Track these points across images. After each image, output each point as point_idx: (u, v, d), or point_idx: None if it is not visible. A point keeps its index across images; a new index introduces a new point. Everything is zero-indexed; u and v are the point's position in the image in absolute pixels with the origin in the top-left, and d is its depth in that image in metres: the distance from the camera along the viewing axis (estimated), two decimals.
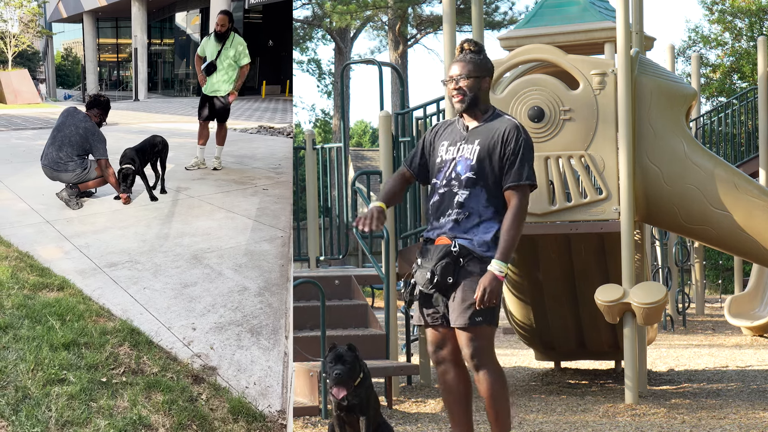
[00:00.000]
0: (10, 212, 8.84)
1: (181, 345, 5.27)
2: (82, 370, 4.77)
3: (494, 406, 4.60)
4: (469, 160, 4.63)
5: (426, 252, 4.66)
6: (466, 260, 4.55)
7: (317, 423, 6.23)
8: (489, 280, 4.47)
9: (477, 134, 4.67)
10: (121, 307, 5.86)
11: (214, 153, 11.44)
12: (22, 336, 5.18)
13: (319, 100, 69.57)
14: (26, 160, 12.11)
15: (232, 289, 6.32)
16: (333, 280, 7.90)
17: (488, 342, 4.60)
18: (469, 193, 4.61)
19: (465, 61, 4.69)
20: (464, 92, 4.66)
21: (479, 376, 4.58)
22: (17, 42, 22.00)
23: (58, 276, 6.49)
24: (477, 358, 4.56)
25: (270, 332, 5.52)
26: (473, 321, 4.52)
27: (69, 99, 27.33)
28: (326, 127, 39.60)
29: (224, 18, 10.73)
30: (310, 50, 36.64)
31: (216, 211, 8.92)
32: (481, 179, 4.60)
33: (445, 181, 4.68)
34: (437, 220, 4.68)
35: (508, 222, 4.54)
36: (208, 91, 11.02)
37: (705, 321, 13.42)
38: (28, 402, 4.42)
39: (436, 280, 4.55)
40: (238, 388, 4.78)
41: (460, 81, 4.66)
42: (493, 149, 4.60)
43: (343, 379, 4.86)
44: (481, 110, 4.71)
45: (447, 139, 4.76)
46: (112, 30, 29.14)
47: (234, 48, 10.74)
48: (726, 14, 23.00)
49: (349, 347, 4.96)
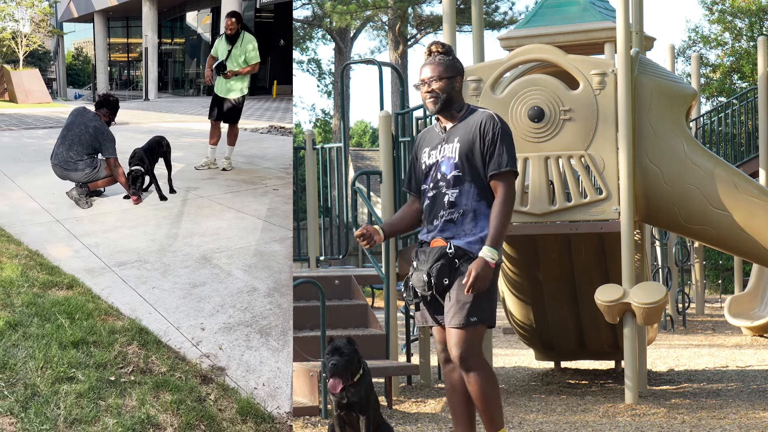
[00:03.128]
0: (21, 211, 8.88)
1: (189, 345, 5.27)
2: (90, 369, 4.79)
3: (486, 406, 4.59)
4: (452, 159, 4.66)
5: (421, 254, 4.68)
6: (461, 261, 4.57)
7: (317, 423, 6.23)
8: (480, 265, 4.47)
9: (455, 132, 4.70)
10: (129, 307, 5.87)
11: (225, 153, 11.45)
12: (32, 334, 5.19)
13: (319, 100, 69.57)
14: (37, 159, 12.16)
15: (242, 290, 6.31)
16: (333, 280, 7.90)
17: (479, 343, 4.61)
18: (459, 191, 4.63)
19: (435, 63, 4.72)
20: (437, 94, 4.69)
21: (470, 378, 4.58)
22: (28, 41, 22.08)
23: (68, 274, 6.51)
24: (467, 360, 4.56)
25: (279, 333, 5.51)
26: (468, 321, 4.53)
27: (79, 98, 27.39)
28: (326, 127, 39.61)
29: (231, 20, 10.76)
30: (310, 50, 36.66)
31: (226, 211, 8.92)
32: (467, 175, 4.63)
33: (433, 183, 4.71)
34: (431, 222, 4.71)
35: (496, 209, 4.56)
36: (220, 92, 11.04)
37: (705, 321, 13.42)
38: (37, 400, 4.43)
39: (432, 282, 4.55)
40: (246, 389, 4.77)
41: (432, 83, 4.69)
42: (473, 143, 4.63)
43: (339, 369, 4.82)
44: (456, 110, 4.74)
45: (428, 145, 4.80)
46: (122, 30, 29.21)
47: (244, 48, 10.74)
48: (726, 14, 23.01)
49: (348, 340, 4.93)
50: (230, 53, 10.74)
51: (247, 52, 10.78)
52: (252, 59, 10.82)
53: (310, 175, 9.01)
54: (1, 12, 21.12)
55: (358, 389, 4.93)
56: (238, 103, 11.08)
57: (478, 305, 4.54)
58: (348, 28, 28.65)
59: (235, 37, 10.73)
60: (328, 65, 37.11)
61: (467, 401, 4.69)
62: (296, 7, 28.96)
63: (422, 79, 4.72)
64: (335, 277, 7.93)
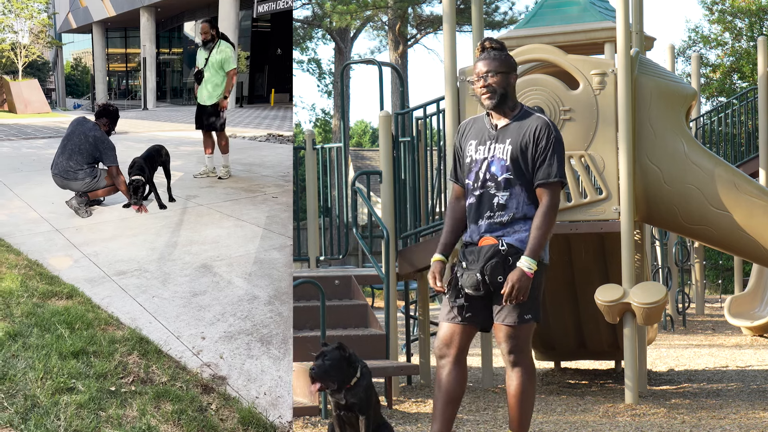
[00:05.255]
0: (21, 221, 8.89)
1: (190, 354, 5.22)
2: (91, 379, 4.74)
3: (521, 404, 4.60)
4: (502, 161, 4.59)
5: (470, 255, 4.61)
6: (514, 258, 4.53)
7: (317, 423, 6.23)
8: (518, 276, 4.46)
9: (508, 133, 4.62)
10: (129, 316, 5.83)
11: (221, 161, 11.44)
12: (31, 344, 5.15)
13: (319, 100, 69.59)
14: (36, 169, 12.19)
15: (242, 298, 6.27)
16: (333, 280, 7.90)
17: (528, 339, 4.62)
18: (509, 194, 4.58)
19: (491, 58, 4.63)
20: (493, 89, 4.60)
21: (513, 372, 4.59)
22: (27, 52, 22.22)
23: (67, 284, 6.47)
24: (515, 355, 4.57)
25: (280, 341, 5.46)
26: (522, 319, 4.53)
27: (78, 108, 27.51)
28: (326, 126, 39.60)
29: (205, 26, 10.74)
30: (310, 50, 36.64)
31: (225, 219, 8.91)
32: (518, 179, 4.57)
33: (480, 182, 4.64)
34: (475, 222, 4.64)
35: (538, 220, 4.52)
36: (200, 101, 11.03)
37: (705, 321, 13.42)
38: (37, 411, 4.39)
39: (487, 281, 4.53)
40: (248, 398, 4.72)
41: (488, 77, 4.60)
42: (526, 148, 4.57)
43: (318, 374, 4.78)
44: (510, 107, 4.66)
45: (474, 137, 4.71)
46: (121, 40, 29.41)
47: (220, 54, 10.70)
48: (726, 14, 23.00)
49: (337, 345, 4.88)
50: (207, 61, 10.73)
51: (224, 58, 10.69)
52: (227, 65, 10.73)
53: (310, 175, 9.01)
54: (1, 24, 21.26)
55: (356, 391, 4.91)
56: (215, 110, 10.99)
57: (532, 303, 4.55)
58: (348, 28, 28.65)
59: (210, 44, 10.71)
60: (328, 65, 37.10)
61: (451, 401, 4.65)
62: (296, 7, 28.96)
63: (477, 73, 4.63)
64: (335, 277, 7.93)
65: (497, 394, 7.41)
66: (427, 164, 8.05)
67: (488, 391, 7.59)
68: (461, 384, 4.65)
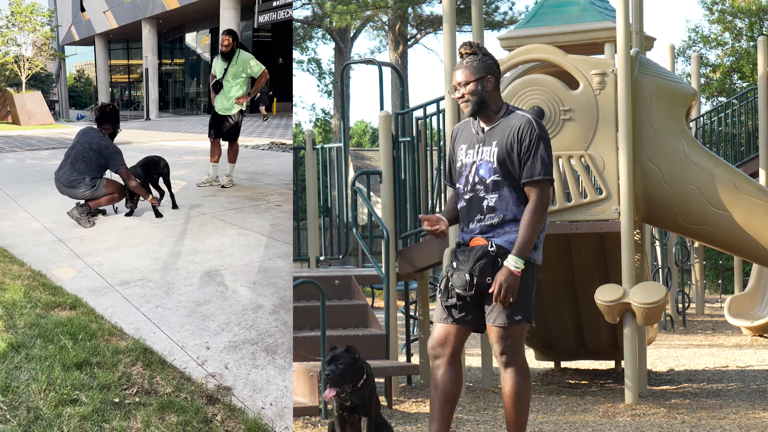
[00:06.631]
0: (24, 231, 8.90)
1: (194, 364, 5.16)
2: (94, 390, 4.69)
3: (516, 404, 4.60)
4: (490, 163, 4.60)
5: (461, 255, 4.63)
6: (503, 259, 4.53)
7: (317, 423, 6.23)
8: (505, 275, 4.47)
9: (493, 135, 4.64)
10: (133, 326, 5.77)
11: (226, 170, 11.47)
12: (35, 356, 5.10)
13: (319, 99, 69.60)
14: (40, 180, 12.21)
15: (246, 307, 6.21)
16: (333, 280, 7.90)
17: (521, 339, 4.62)
18: (498, 196, 4.59)
19: (463, 66, 4.67)
20: (467, 99, 4.63)
21: (506, 373, 4.59)
22: (31, 65, 22.40)
23: (71, 295, 6.43)
24: (508, 355, 4.57)
25: (286, 351, 5.40)
26: (513, 320, 4.53)
27: (81, 119, 27.64)
28: (326, 126, 39.60)
29: (227, 37, 10.80)
30: (310, 50, 36.64)
31: (228, 228, 8.89)
32: (506, 180, 4.58)
33: (470, 186, 4.65)
34: (467, 225, 4.67)
35: (525, 218, 4.53)
36: (219, 110, 11.07)
37: (705, 321, 13.42)
38: (40, 423, 4.34)
39: (475, 281, 4.54)
40: (254, 409, 4.66)
41: (461, 89, 4.64)
42: (512, 148, 4.57)
43: (333, 379, 4.80)
44: (493, 110, 4.66)
45: (464, 141, 4.74)
46: (123, 51, 29.58)
47: (241, 65, 10.77)
48: (726, 14, 23.00)
49: (346, 349, 4.91)
50: (226, 71, 10.77)
51: (250, 68, 10.82)
52: (255, 71, 10.86)
53: (310, 175, 9.01)
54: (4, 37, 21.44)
55: (361, 393, 4.92)
56: (236, 121, 11.10)
57: (522, 304, 4.55)
58: (348, 28, 28.65)
59: (230, 55, 10.77)
60: (328, 65, 37.10)
61: (448, 401, 4.65)
62: (296, 7, 28.97)
63: (453, 85, 4.68)
64: (335, 277, 7.93)
65: (497, 394, 7.41)
66: (427, 164, 8.05)
67: (488, 391, 7.59)
68: (457, 383, 4.65)
